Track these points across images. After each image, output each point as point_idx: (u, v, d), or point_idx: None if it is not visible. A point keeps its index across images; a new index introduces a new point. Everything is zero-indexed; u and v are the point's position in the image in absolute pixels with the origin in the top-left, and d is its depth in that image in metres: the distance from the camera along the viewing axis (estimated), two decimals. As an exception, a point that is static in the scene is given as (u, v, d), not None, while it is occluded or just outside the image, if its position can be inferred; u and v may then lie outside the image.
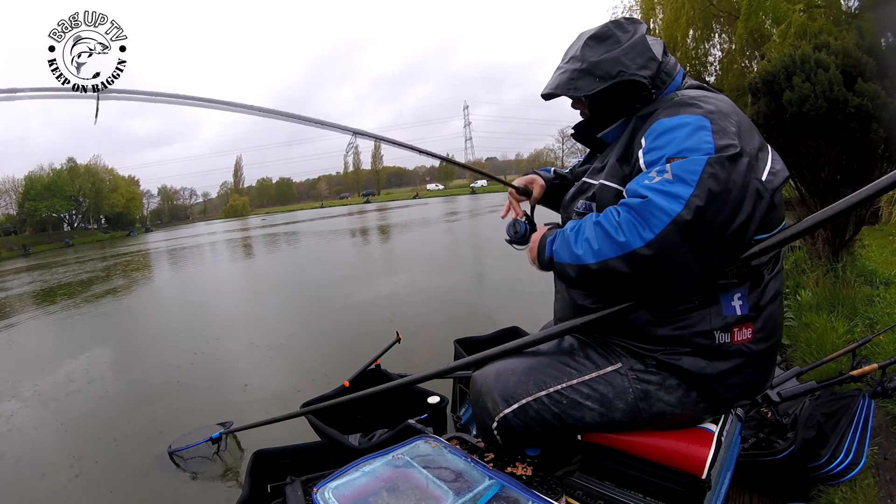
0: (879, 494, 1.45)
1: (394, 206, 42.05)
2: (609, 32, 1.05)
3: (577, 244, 0.91)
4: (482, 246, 8.89)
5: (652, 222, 0.81)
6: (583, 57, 1.05)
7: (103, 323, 6.70)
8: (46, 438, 3.14)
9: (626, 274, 0.84)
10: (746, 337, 0.94)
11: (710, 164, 0.81)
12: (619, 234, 0.84)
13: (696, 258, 0.82)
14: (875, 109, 2.78)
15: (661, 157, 0.87)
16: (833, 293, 2.93)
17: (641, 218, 0.82)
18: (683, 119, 0.88)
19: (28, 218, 47.53)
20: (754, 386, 1.00)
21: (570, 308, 1.10)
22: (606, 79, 1.01)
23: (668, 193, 0.81)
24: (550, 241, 0.99)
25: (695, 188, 0.80)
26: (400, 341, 2.43)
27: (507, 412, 1.05)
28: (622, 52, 1.01)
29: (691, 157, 0.83)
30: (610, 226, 0.86)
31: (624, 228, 0.84)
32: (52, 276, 13.99)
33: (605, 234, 0.86)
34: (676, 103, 0.94)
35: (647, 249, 0.81)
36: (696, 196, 0.79)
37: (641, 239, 0.82)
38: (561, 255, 0.95)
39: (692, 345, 0.94)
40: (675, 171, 0.82)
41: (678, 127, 0.88)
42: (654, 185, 0.83)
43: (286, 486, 1.13)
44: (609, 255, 0.85)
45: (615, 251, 0.85)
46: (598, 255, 0.87)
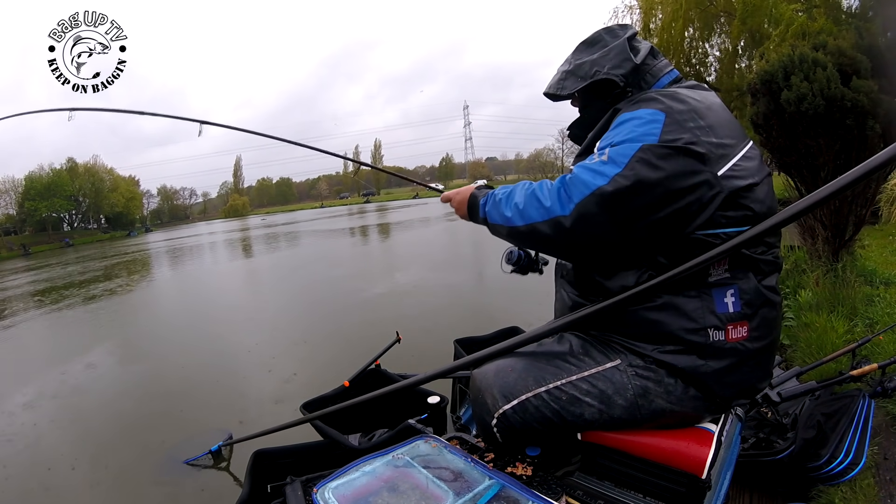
0: (879, 494, 1.45)
1: (394, 205, 42.06)
2: (599, 38, 1.14)
3: (507, 207, 1.02)
4: (482, 246, 8.90)
5: (574, 193, 0.91)
6: (571, 60, 1.16)
7: (105, 322, 6.71)
8: (47, 437, 3.14)
9: (550, 237, 0.95)
10: (742, 335, 0.94)
11: (643, 150, 0.88)
12: (546, 200, 0.95)
13: (613, 228, 0.89)
14: (870, 105, 2.79)
15: (608, 144, 0.94)
16: (833, 293, 2.94)
17: (566, 189, 0.92)
18: (639, 112, 0.94)
19: (28, 218, 47.55)
20: (752, 385, 1.00)
21: (570, 307, 1.10)
22: (585, 78, 1.10)
23: (596, 171, 0.90)
24: (483, 203, 1.09)
25: (622, 169, 0.88)
26: (400, 341, 2.43)
27: (507, 408, 1.05)
28: (601, 55, 1.10)
29: (628, 144, 0.90)
30: (540, 193, 0.96)
31: (550, 196, 0.94)
32: (52, 276, 13.99)
33: (534, 200, 0.97)
34: (642, 98, 0.99)
35: (567, 218, 0.91)
36: (622, 175, 0.87)
37: (563, 207, 0.92)
38: (493, 216, 1.06)
39: (685, 342, 0.94)
40: (611, 155, 0.90)
41: (632, 119, 0.94)
42: (588, 164, 0.92)
43: (286, 485, 1.13)
44: (535, 220, 0.96)
45: (541, 216, 0.95)
46: (526, 217, 0.97)
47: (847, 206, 3.23)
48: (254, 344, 4.70)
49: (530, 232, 0.97)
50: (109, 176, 55.07)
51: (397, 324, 2.93)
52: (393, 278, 7.40)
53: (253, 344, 4.71)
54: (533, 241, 1.01)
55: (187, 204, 77.44)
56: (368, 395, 1.45)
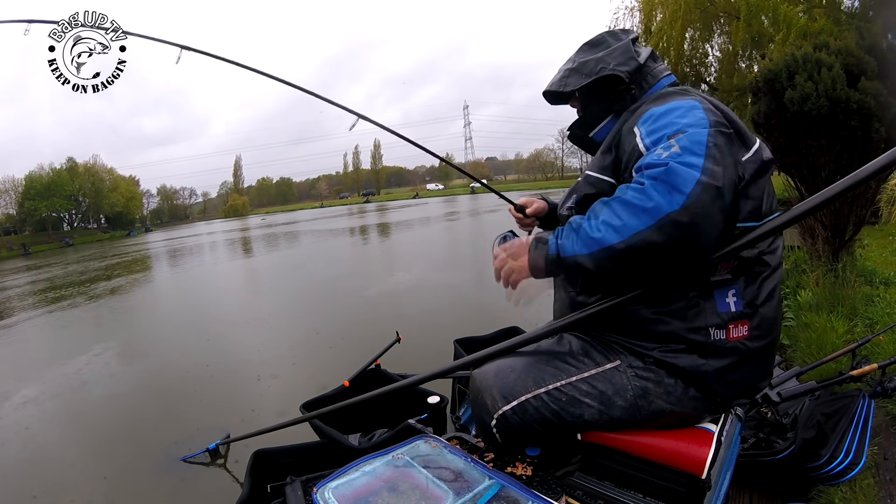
0: (879, 494, 1.45)
1: (394, 205, 42.05)
2: (602, 39, 1.16)
3: (593, 229, 0.85)
4: (483, 246, 8.90)
5: (680, 184, 0.79)
6: (574, 59, 1.17)
7: (106, 322, 6.71)
8: (45, 436, 3.14)
9: (659, 245, 0.79)
10: (742, 334, 0.95)
11: (710, 135, 0.85)
12: (647, 200, 0.80)
13: (721, 219, 0.81)
14: (877, 108, 2.79)
15: (663, 135, 0.88)
16: (833, 293, 2.94)
17: (668, 182, 0.79)
18: (676, 103, 0.94)
19: (28, 217, 47.54)
20: (752, 384, 1.01)
21: (569, 307, 1.11)
22: (590, 75, 1.10)
23: (682, 162, 0.81)
24: (553, 239, 0.91)
25: (704, 157, 0.81)
26: (400, 341, 2.43)
27: (506, 409, 1.05)
28: (606, 54, 1.11)
29: (693, 131, 0.85)
30: (633, 197, 0.82)
31: (651, 195, 0.80)
32: (53, 275, 13.99)
33: (627, 207, 0.82)
34: (664, 94, 1.02)
35: (682, 212, 0.78)
36: (709, 162, 0.81)
37: (674, 202, 0.78)
38: (571, 247, 0.87)
39: (687, 341, 0.94)
40: (682, 145, 0.83)
41: (672, 110, 0.92)
42: (666, 154, 0.83)
43: (286, 485, 1.13)
44: (637, 228, 0.80)
45: (645, 221, 0.80)
46: (624, 230, 0.81)
47: (847, 206, 3.23)
48: (255, 344, 4.71)
49: (634, 247, 0.80)
50: (109, 176, 55.07)
51: (397, 323, 2.93)
52: (393, 278, 7.40)
53: (254, 344, 4.71)
54: (637, 260, 0.82)
55: (187, 204, 77.46)
56: (367, 395, 1.45)
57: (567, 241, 0.89)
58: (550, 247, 0.91)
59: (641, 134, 0.93)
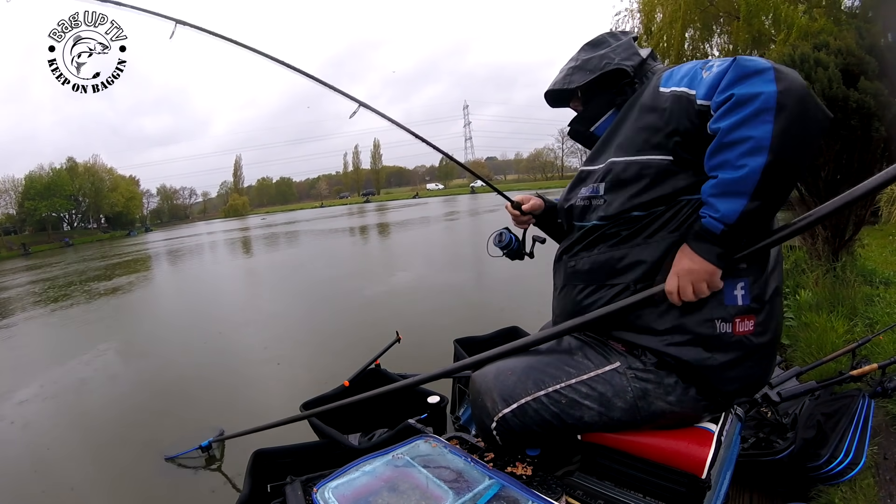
0: (879, 494, 1.45)
1: (394, 205, 42.04)
2: (603, 39, 1.18)
3: (734, 173, 0.81)
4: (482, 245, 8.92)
5: (755, 65, 0.80)
6: (577, 57, 1.18)
7: (107, 321, 6.71)
8: (44, 436, 3.14)
9: (795, 121, 0.77)
10: (748, 329, 0.94)
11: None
12: (751, 103, 0.78)
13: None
14: (877, 107, 2.79)
15: (696, 71, 0.91)
16: (833, 293, 2.94)
17: (746, 73, 0.80)
18: (685, 64, 0.97)
19: (28, 217, 47.52)
20: (754, 380, 1.00)
21: (570, 305, 1.10)
22: (595, 70, 1.12)
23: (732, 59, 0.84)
24: (708, 221, 0.86)
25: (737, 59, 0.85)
26: (400, 341, 2.43)
27: (506, 412, 1.05)
28: (610, 50, 1.13)
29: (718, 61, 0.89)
30: (739, 115, 0.79)
31: (747, 94, 0.78)
32: (54, 275, 13.99)
33: (742, 125, 0.79)
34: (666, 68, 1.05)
35: (782, 82, 0.77)
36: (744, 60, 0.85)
37: (767, 80, 0.78)
38: (732, 207, 0.82)
39: (693, 333, 0.94)
40: (716, 63, 0.88)
41: (684, 65, 0.96)
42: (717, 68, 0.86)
43: (286, 485, 1.13)
44: (769, 130, 0.77)
45: (767, 118, 0.77)
46: (761, 142, 0.77)
47: (847, 206, 3.22)
48: (255, 344, 4.71)
49: (782, 146, 0.77)
50: (109, 175, 55.04)
51: (397, 323, 2.93)
52: (393, 278, 7.40)
53: (254, 344, 4.71)
54: (793, 157, 0.79)
55: (187, 204, 77.43)
56: (365, 395, 1.45)
57: (723, 206, 0.84)
58: (713, 227, 0.86)
59: (673, 85, 0.94)
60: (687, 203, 0.95)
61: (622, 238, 1.01)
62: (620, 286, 1.01)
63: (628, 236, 1.01)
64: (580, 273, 1.08)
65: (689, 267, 0.89)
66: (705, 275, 0.89)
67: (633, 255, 1.00)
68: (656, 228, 0.98)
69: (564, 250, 1.16)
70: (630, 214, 0.99)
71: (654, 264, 0.97)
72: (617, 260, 1.01)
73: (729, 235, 0.86)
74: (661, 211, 0.97)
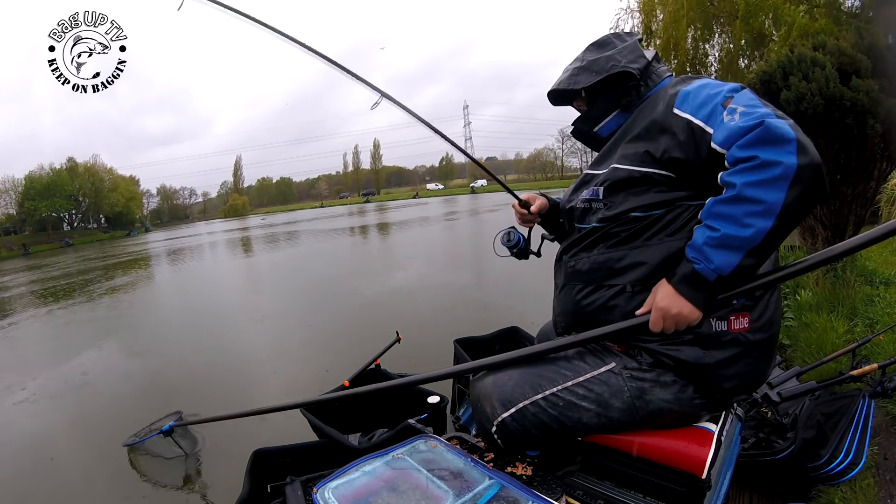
0: (879, 494, 1.45)
1: (394, 205, 42.05)
2: (608, 40, 1.18)
3: (738, 230, 0.83)
4: (483, 244, 8.90)
5: (783, 133, 0.81)
6: (583, 58, 1.18)
7: (107, 322, 6.71)
8: (42, 432, 3.14)
9: (805, 193, 0.80)
10: (743, 326, 0.95)
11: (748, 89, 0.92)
12: (773, 167, 0.80)
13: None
14: (871, 104, 2.79)
15: (715, 105, 0.90)
16: (833, 293, 2.93)
17: (774, 138, 0.81)
18: (698, 82, 0.98)
19: (28, 217, 47.53)
20: (752, 378, 1.01)
21: (570, 305, 1.11)
22: (601, 72, 1.12)
23: (763, 114, 0.84)
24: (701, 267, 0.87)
25: (762, 105, 0.87)
26: (400, 341, 2.43)
27: (506, 416, 1.06)
28: (616, 52, 1.13)
29: (738, 94, 0.90)
30: (760, 175, 0.81)
31: (772, 158, 0.80)
32: (55, 275, 13.99)
33: (761, 186, 0.81)
34: (681, 79, 1.05)
35: (803, 157, 0.79)
36: (770, 108, 0.86)
37: (790, 151, 0.80)
38: (727, 260, 0.85)
39: (688, 332, 0.95)
40: (744, 103, 0.87)
41: (703, 85, 0.96)
42: (744, 118, 0.85)
43: (286, 485, 1.13)
44: (782, 197, 0.80)
45: (783, 186, 0.80)
46: (773, 208, 0.80)
47: (847, 206, 3.23)
48: (255, 344, 4.71)
49: (788, 214, 0.81)
50: (109, 176, 55.06)
51: (397, 323, 2.93)
52: (393, 278, 7.40)
53: (254, 344, 4.71)
54: (792, 223, 0.84)
55: (187, 204, 77.48)
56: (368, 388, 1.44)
57: (718, 258, 0.86)
58: (707, 275, 0.87)
59: (689, 113, 0.93)
60: (686, 208, 0.97)
61: (621, 239, 1.02)
62: (618, 287, 1.02)
63: (627, 237, 1.01)
64: (580, 273, 1.09)
65: (677, 311, 0.91)
66: (691, 319, 0.92)
67: (632, 256, 1.00)
68: (655, 231, 0.98)
69: (564, 250, 1.17)
70: (629, 215, 1.00)
71: (654, 267, 0.98)
72: (616, 260, 1.02)
73: (720, 285, 0.88)
74: (661, 214, 0.98)
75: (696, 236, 0.89)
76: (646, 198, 0.99)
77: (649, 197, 0.98)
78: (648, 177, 0.98)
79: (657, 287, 0.95)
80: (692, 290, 0.90)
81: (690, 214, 0.96)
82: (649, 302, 0.96)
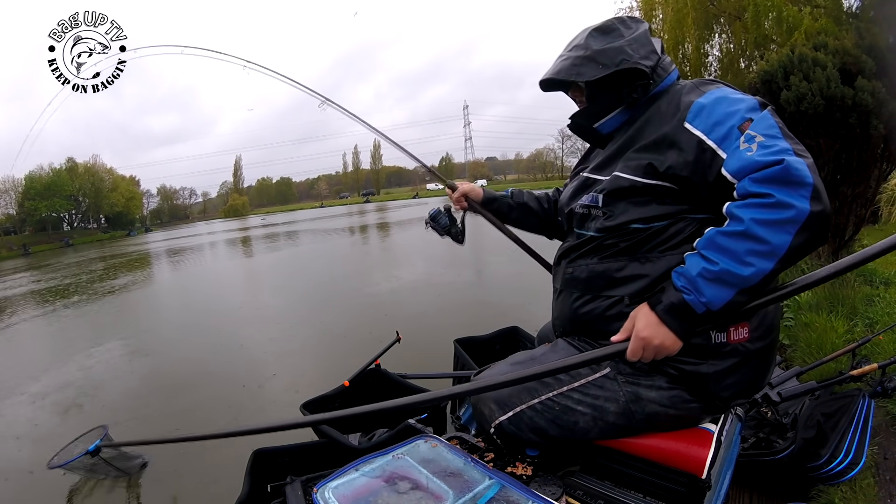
0: (879, 494, 1.45)
1: (394, 205, 42.04)
2: (613, 26, 1.06)
3: (738, 268, 0.80)
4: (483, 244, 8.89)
5: (802, 176, 0.78)
6: (587, 45, 1.05)
7: (108, 321, 6.71)
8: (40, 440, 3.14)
9: (810, 239, 0.79)
10: (743, 336, 0.94)
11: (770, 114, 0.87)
12: (786, 209, 0.77)
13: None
14: (875, 105, 2.79)
15: (731, 127, 0.86)
16: (833, 293, 2.93)
17: (792, 181, 0.78)
18: (715, 94, 0.92)
19: (28, 217, 47.55)
20: (750, 386, 1.00)
21: (567, 312, 1.11)
22: (610, 66, 1.01)
23: (783, 150, 0.80)
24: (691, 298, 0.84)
25: (785, 138, 0.83)
26: (400, 341, 2.43)
27: (503, 419, 1.06)
28: (626, 43, 1.02)
29: (758, 116, 0.86)
30: (770, 214, 0.78)
31: (786, 201, 0.77)
32: (55, 275, 13.99)
33: (769, 227, 0.78)
34: (695, 85, 0.98)
35: (817, 204, 0.77)
36: (790, 142, 0.82)
37: (804, 197, 0.77)
38: (719, 296, 0.82)
39: (688, 345, 0.92)
40: (763, 132, 0.83)
41: (720, 99, 0.90)
42: (762, 150, 0.81)
43: (286, 485, 1.13)
44: (787, 241, 0.78)
45: (790, 230, 0.78)
46: (777, 251, 0.78)
47: (847, 206, 3.23)
48: (254, 344, 4.71)
49: (789, 258, 0.80)
50: (109, 176, 55.12)
51: (397, 323, 2.93)
52: (393, 277, 7.39)
53: (254, 344, 4.71)
54: (797, 260, 0.83)
55: (187, 204, 77.51)
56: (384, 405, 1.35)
57: (710, 292, 0.83)
58: (696, 307, 0.84)
59: (702, 131, 0.89)
60: (690, 221, 0.94)
61: (620, 250, 1.00)
62: (615, 298, 1.00)
63: (627, 249, 0.99)
64: (578, 280, 1.07)
65: (659, 343, 0.87)
66: (671, 351, 0.88)
67: (632, 268, 0.98)
68: (656, 244, 0.96)
69: (562, 255, 1.15)
70: (629, 227, 0.98)
71: (653, 280, 0.95)
72: (615, 271, 1.00)
73: (708, 318, 0.85)
74: (663, 226, 0.96)
75: (690, 266, 0.86)
76: (647, 209, 0.96)
77: (651, 209, 0.96)
78: (651, 188, 0.95)
79: (637, 312, 0.90)
80: (677, 321, 0.86)
81: (693, 228, 0.93)
82: (627, 328, 0.91)
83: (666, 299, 0.87)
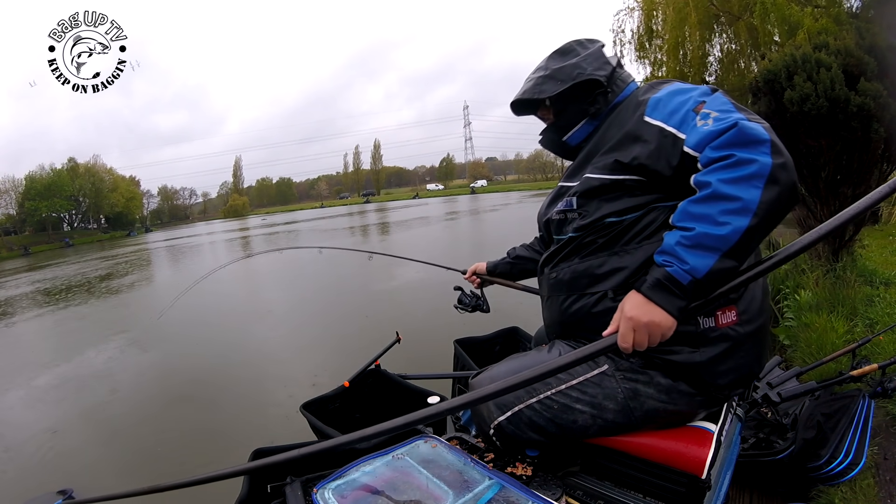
0: (879, 494, 1.45)
1: (394, 205, 42.04)
2: (571, 48, 1.17)
3: (714, 228, 0.80)
4: (482, 244, 8.89)
5: (757, 134, 0.81)
6: (546, 66, 1.17)
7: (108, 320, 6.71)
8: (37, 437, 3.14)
9: (782, 193, 0.80)
10: (731, 320, 0.95)
11: (720, 93, 0.91)
12: (748, 165, 0.80)
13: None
14: (877, 109, 2.78)
15: (686, 111, 0.90)
16: (833, 293, 2.93)
17: (748, 139, 0.81)
18: (668, 89, 0.98)
19: (28, 218, 47.56)
20: (747, 371, 1.00)
21: (557, 315, 1.11)
22: (567, 80, 1.11)
23: (737, 118, 0.84)
24: (675, 269, 0.82)
25: (735, 110, 0.87)
26: (400, 341, 2.43)
27: (502, 419, 1.07)
28: (581, 59, 1.13)
29: (709, 98, 0.90)
30: (734, 173, 0.80)
31: (746, 157, 0.80)
32: (55, 275, 13.98)
33: (736, 184, 0.80)
34: (650, 86, 1.05)
35: (778, 157, 0.80)
36: (744, 112, 0.86)
37: (764, 150, 0.80)
38: (703, 262, 0.80)
39: (676, 333, 0.88)
40: (716, 108, 0.87)
41: (673, 92, 0.96)
42: (716, 121, 0.85)
43: (286, 485, 1.13)
44: (758, 195, 0.78)
45: (758, 184, 0.79)
46: (748, 206, 0.79)
47: (847, 206, 3.22)
48: (254, 344, 4.71)
49: (766, 211, 0.79)
50: (109, 176, 55.14)
51: (397, 323, 2.93)
52: (393, 277, 7.40)
53: (254, 344, 4.71)
54: (771, 222, 0.81)
55: (187, 204, 77.54)
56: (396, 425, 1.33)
57: (693, 259, 0.81)
58: (680, 277, 0.82)
59: (661, 120, 0.93)
60: (661, 210, 0.97)
61: (599, 246, 1.02)
62: (599, 293, 1.02)
63: (605, 244, 1.01)
64: (562, 283, 1.09)
65: (648, 320, 0.82)
66: (665, 328, 0.83)
67: (611, 262, 1.00)
68: (632, 236, 0.98)
69: (544, 262, 1.17)
70: (604, 222, 1.01)
71: (633, 272, 0.97)
72: (596, 267, 1.02)
73: (694, 290, 0.82)
74: (636, 218, 0.98)
75: (667, 239, 0.86)
76: (619, 203, 0.99)
77: (622, 202, 0.98)
78: (620, 183, 0.98)
79: (625, 300, 0.87)
80: (664, 296, 0.83)
81: (665, 217, 0.95)
82: (616, 318, 0.87)
83: (650, 278, 0.86)
